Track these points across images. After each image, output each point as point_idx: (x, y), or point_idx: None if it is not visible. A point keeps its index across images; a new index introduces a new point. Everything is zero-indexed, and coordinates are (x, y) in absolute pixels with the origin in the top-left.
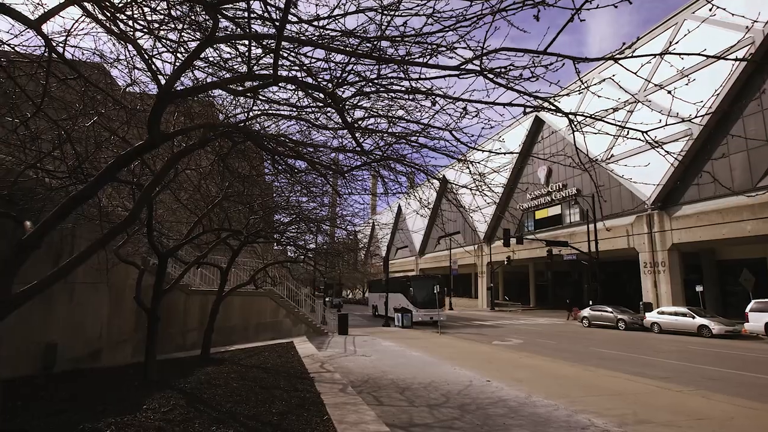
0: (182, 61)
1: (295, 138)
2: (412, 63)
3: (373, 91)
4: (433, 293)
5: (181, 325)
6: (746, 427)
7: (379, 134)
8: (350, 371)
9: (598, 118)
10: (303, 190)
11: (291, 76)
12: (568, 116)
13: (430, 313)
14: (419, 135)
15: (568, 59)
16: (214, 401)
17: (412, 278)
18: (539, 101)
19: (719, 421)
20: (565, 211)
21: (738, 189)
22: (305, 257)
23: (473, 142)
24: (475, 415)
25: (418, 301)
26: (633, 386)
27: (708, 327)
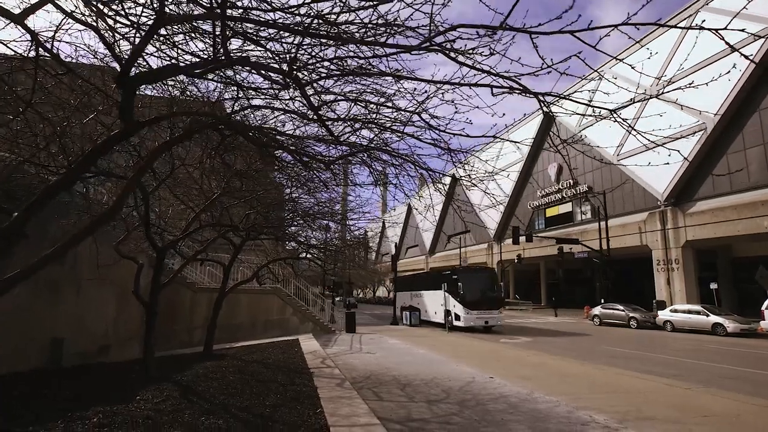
0: (137, 42)
1: (281, 129)
2: (368, 42)
3: (338, 74)
4: (489, 289)
5: (188, 322)
6: (752, 424)
7: (352, 122)
8: (353, 368)
9: (566, 96)
10: (298, 185)
11: (243, 57)
12: (537, 96)
13: (485, 315)
14: (391, 121)
15: (524, 33)
16: (207, 393)
17: (460, 270)
18: (508, 81)
19: (725, 419)
20: (576, 209)
21: (754, 184)
22: (307, 253)
23: (466, 133)
24: (473, 411)
25: (468, 299)
26: (640, 384)
27: (722, 325)
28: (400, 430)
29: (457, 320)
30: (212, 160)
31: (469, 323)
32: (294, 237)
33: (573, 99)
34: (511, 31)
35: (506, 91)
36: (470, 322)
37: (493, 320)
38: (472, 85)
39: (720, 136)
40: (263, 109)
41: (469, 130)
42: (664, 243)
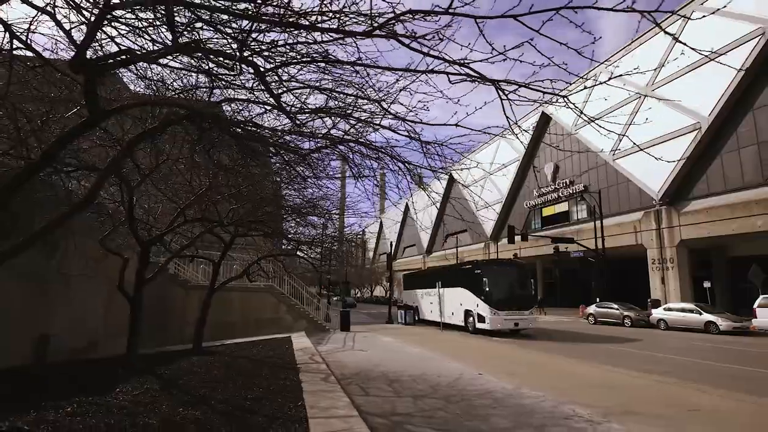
0: (90, 26)
1: (257, 122)
2: (318, 29)
3: (295, 61)
4: (520, 286)
5: (180, 320)
6: (736, 418)
7: (317, 111)
8: (344, 365)
9: (525, 84)
10: (284, 180)
11: (193, 42)
12: (494, 83)
13: (515, 316)
14: (369, 114)
15: (467, 18)
16: (188, 386)
17: (485, 265)
18: (464, 68)
19: (709, 413)
20: (572, 208)
21: (748, 183)
22: (298, 250)
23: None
24: (458, 406)
25: (494, 298)
26: (628, 380)
27: (715, 323)
28: (383, 423)
29: (481, 322)
30: (198, 154)
31: (495, 326)
32: (283, 233)
33: (531, 86)
34: (456, 16)
35: (464, 79)
36: (497, 325)
37: (523, 322)
38: (428, 72)
39: (714, 135)
40: (239, 101)
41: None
42: (659, 242)
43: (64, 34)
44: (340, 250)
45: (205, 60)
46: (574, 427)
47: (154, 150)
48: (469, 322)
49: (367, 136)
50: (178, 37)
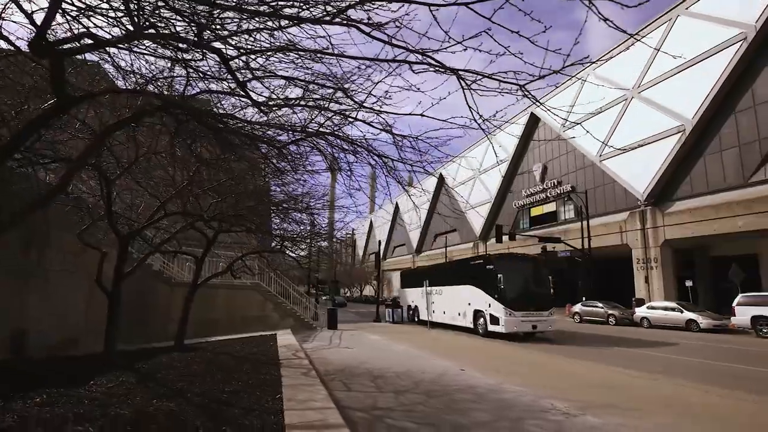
0: (49, 6)
1: (236, 114)
2: (278, 15)
3: (259, 49)
4: (538, 284)
5: (165, 316)
6: (708, 411)
7: (287, 100)
8: (328, 361)
9: (483, 74)
10: (266, 174)
11: (151, 27)
12: (455, 72)
13: (533, 317)
14: (328, 101)
15: (422, 5)
16: (166, 380)
17: (499, 259)
18: (425, 58)
19: (684, 407)
20: (560, 208)
21: (730, 184)
22: (282, 246)
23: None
24: (440, 400)
25: (510, 297)
26: (607, 375)
27: (696, 321)
28: (363, 417)
29: (495, 324)
30: (179, 148)
31: (511, 328)
32: (267, 230)
33: (493, 77)
34: (410, 3)
35: (426, 69)
36: (513, 327)
37: (542, 324)
38: (390, 61)
39: (698, 137)
40: (214, 93)
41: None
42: (643, 242)
43: (25, 17)
44: (329, 249)
45: (176, 49)
46: (550, 419)
47: (134, 143)
48: (480, 324)
49: (344, 128)
50: (143, 23)
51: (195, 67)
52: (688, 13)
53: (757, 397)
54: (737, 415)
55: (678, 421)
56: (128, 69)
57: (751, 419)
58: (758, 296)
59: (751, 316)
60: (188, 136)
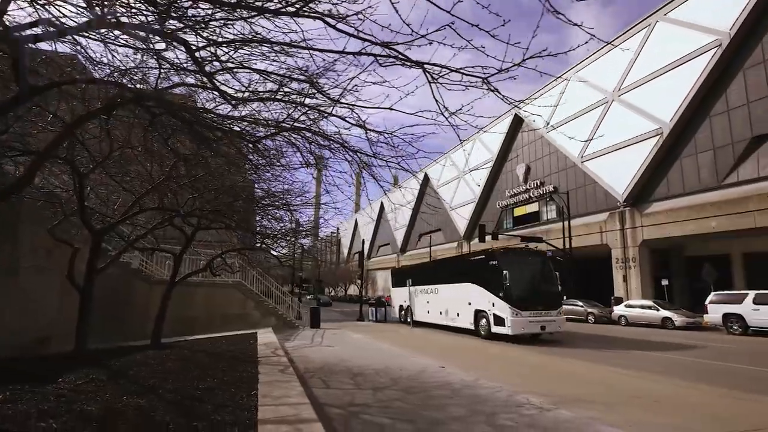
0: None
1: (210, 108)
2: (244, 6)
3: (227, 40)
4: (546, 281)
5: (143, 315)
6: (675, 403)
7: (254, 93)
8: (309, 360)
9: (452, 69)
10: (244, 170)
11: (113, 16)
12: (420, 66)
13: (542, 318)
14: (304, 96)
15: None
16: (138, 377)
17: (504, 255)
18: (391, 51)
19: (652, 399)
20: (543, 208)
21: (705, 186)
22: (263, 243)
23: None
24: (417, 397)
25: (517, 295)
26: (582, 370)
27: (671, 319)
28: (340, 413)
29: (499, 325)
30: (156, 142)
31: (518, 329)
32: (246, 227)
33: (458, 71)
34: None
35: (393, 62)
36: (520, 328)
37: (551, 325)
38: (357, 54)
39: (675, 140)
40: (187, 86)
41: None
42: (622, 242)
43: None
44: (313, 248)
45: (143, 40)
46: (524, 413)
47: (108, 137)
48: (482, 325)
49: (319, 124)
50: (104, 11)
51: (167, 60)
52: (667, 19)
53: (720, 389)
54: (700, 406)
55: (644, 412)
56: (98, 60)
57: (710, 409)
58: (729, 294)
59: (722, 313)
60: (164, 131)
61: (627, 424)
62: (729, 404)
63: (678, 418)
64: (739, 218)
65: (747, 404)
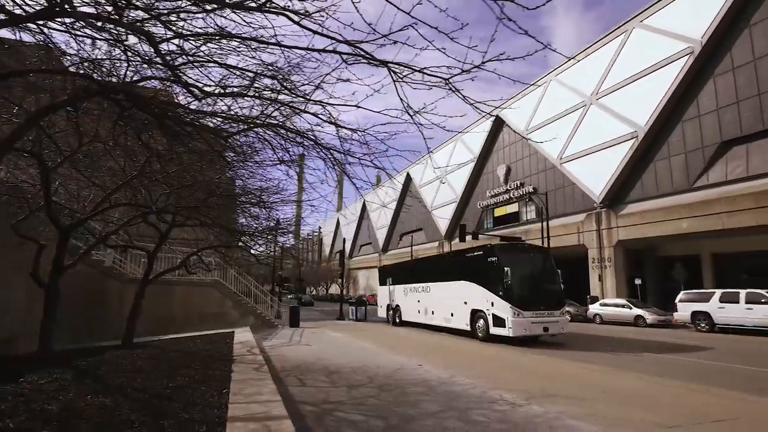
0: None
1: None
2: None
3: (191, 33)
4: (548, 280)
5: (116, 314)
6: (643, 397)
7: (223, 88)
8: (286, 358)
9: (417, 69)
10: (208, 163)
11: (67, 5)
12: (385, 64)
13: (545, 319)
14: (277, 93)
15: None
16: (106, 376)
17: (501, 250)
18: (356, 49)
19: (621, 394)
20: (522, 209)
21: (677, 189)
22: (240, 241)
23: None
24: (391, 394)
25: (518, 294)
26: (554, 367)
27: (643, 317)
28: (313, 411)
29: (499, 326)
30: (129, 137)
31: (520, 330)
32: (223, 224)
33: (421, 71)
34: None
35: (358, 60)
36: (522, 329)
37: (554, 326)
38: (321, 51)
39: (650, 144)
40: (155, 80)
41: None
42: (598, 242)
43: None
44: (295, 247)
45: (99, 29)
46: (497, 409)
47: (77, 130)
48: (479, 326)
49: (292, 120)
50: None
51: (135, 51)
52: (643, 25)
53: (680, 383)
54: (662, 397)
55: (612, 406)
56: (65, 50)
57: (673, 400)
58: (697, 293)
59: (691, 311)
60: (136, 125)
61: (595, 417)
62: (697, 398)
63: (646, 412)
64: (708, 220)
65: (712, 397)
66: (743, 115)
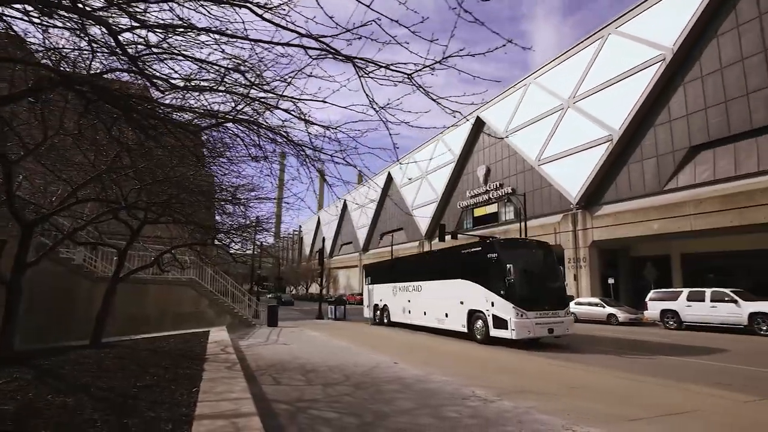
0: None
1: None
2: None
3: (155, 24)
4: (551, 278)
5: (86, 313)
6: (612, 392)
7: (188, 81)
8: (261, 357)
9: (383, 65)
10: (178, 158)
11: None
12: (350, 60)
13: (549, 319)
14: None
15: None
16: (70, 376)
17: (503, 246)
18: (320, 43)
19: (592, 389)
20: (501, 209)
21: (649, 191)
22: (214, 239)
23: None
24: (367, 392)
25: (521, 294)
26: (528, 363)
27: (615, 315)
28: (286, 409)
29: (500, 327)
30: (99, 131)
31: (524, 333)
32: (197, 221)
33: (389, 67)
34: None
35: (324, 55)
36: (526, 331)
37: (559, 327)
38: (285, 45)
39: (624, 147)
40: (119, 72)
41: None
42: (574, 243)
43: None
44: (274, 245)
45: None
46: (469, 405)
47: (42, 122)
48: (477, 327)
49: (264, 116)
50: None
51: (100, 42)
52: (618, 32)
53: (647, 378)
54: (630, 392)
55: (579, 401)
56: (23, 38)
57: (639, 394)
58: (666, 292)
59: (660, 310)
60: (105, 118)
61: (564, 411)
62: (662, 392)
63: (613, 406)
64: (677, 221)
65: (676, 391)
66: (711, 121)
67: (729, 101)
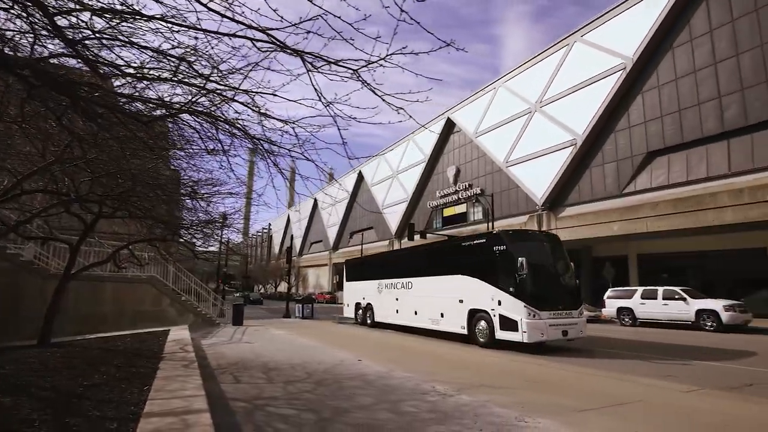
0: None
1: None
2: None
3: (90, 8)
4: (563, 274)
5: (36, 312)
6: (567, 386)
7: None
8: (222, 356)
9: (332, 60)
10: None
11: None
12: (299, 54)
13: (563, 319)
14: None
15: None
16: (10, 375)
17: (511, 238)
18: (269, 36)
19: (548, 383)
20: (470, 210)
21: (609, 194)
22: (175, 234)
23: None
24: (328, 388)
25: (532, 291)
26: (491, 360)
27: None
28: (244, 407)
29: (509, 329)
30: (46, 119)
31: (537, 335)
32: (155, 216)
33: (340, 63)
34: None
35: (273, 49)
36: (539, 333)
37: (573, 329)
38: (232, 36)
39: (587, 151)
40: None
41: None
42: None
43: None
44: (242, 243)
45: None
46: (428, 400)
47: None
48: (480, 329)
49: (221, 108)
50: None
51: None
52: (583, 40)
53: (598, 372)
54: (583, 385)
55: (534, 394)
56: None
57: (591, 387)
58: (622, 290)
59: (617, 307)
60: (53, 106)
61: (518, 404)
62: (611, 384)
63: (566, 398)
64: (635, 223)
65: (625, 384)
66: (666, 129)
67: (683, 110)
